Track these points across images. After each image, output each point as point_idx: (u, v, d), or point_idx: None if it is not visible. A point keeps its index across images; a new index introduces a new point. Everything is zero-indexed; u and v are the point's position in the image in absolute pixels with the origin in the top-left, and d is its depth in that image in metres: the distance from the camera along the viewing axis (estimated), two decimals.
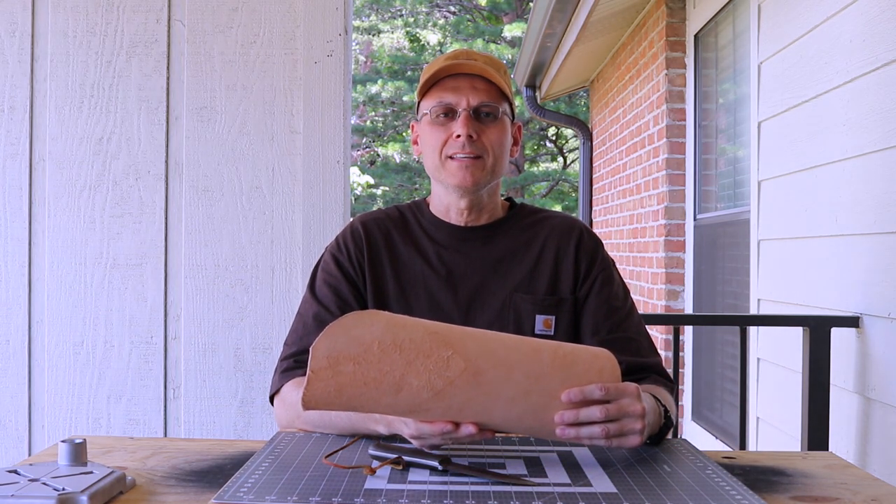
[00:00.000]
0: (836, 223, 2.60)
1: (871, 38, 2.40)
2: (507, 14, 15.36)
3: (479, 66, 1.51)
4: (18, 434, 2.18)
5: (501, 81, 1.53)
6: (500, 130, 1.54)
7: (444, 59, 1.56)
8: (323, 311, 1.54)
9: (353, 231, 1.61)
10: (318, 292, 1.57)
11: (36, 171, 2.19)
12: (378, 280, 1.56)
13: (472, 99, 1.51)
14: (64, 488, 0.99)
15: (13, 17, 2.18)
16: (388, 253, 1.58)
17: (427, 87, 1.54)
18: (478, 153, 1.51)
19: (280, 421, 1.49)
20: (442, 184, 1.56)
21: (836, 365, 2.52)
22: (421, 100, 1.57)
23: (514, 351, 1.15)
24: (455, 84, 1.51)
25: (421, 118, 1.57)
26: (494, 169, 1.54)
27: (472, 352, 1.13)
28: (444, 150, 1.53)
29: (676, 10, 4.75)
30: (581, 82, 7.91)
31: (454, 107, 1.51)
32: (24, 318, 2.18)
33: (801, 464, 1.27)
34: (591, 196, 7.62)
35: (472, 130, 1.50)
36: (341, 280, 1.56)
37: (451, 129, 1.51)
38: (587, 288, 1.58)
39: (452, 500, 1.02)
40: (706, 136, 4.56)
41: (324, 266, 1.60)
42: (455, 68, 1.51)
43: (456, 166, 1.52)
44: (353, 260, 1.57)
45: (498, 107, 1.53)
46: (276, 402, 1.51)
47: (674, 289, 4.76)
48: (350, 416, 1.33)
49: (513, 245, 1.59)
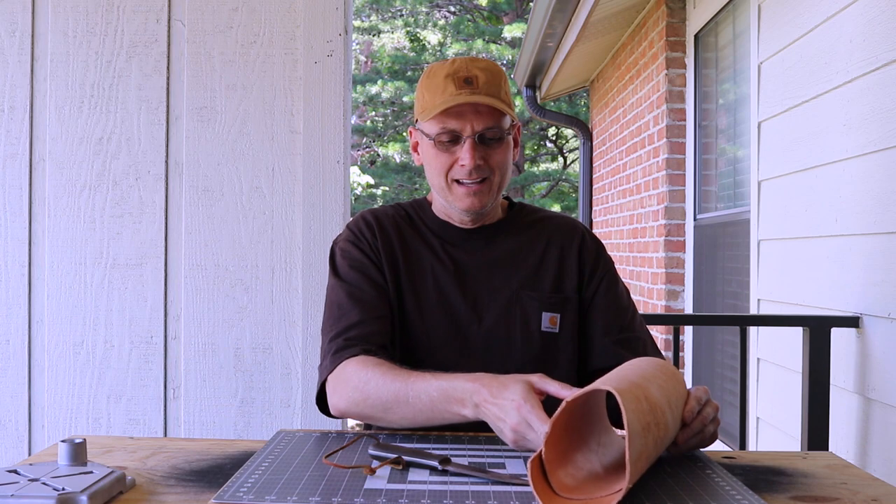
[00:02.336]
0: (836, 223, 2.59)
1: (871, 38, 2.40)
2: (507, 14, 15.35)
3: (482, 98, 1.47)
4: (18, 434, 2.18)
5: (503, 104, 1.49)
6: (505, 150, 1.53)
7: (445, 77, 1.50)
8: (356, 289, 1.52)
9: (365, 221, 1.60)
10: (346, 276, 1.54)
11: (36, 171, 2.19)
12: (393, 267, 1.56)
13: (477, 125, 1.49)
14: (64, 488, 0.99)
15: (13, 17, 2.18)
16: (400, 243, 1.58)
17: (429, 110, 1.51)
18: (485, 176, 1.51)
19: (337, 406, 1.41)
20: (448, 203, 1.56)
21: (836, 365, 2.52)
22: (421, 117, 1.54)
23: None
24: (458, 109, 1.49)
25: (422, 132, 1.55)
26: (501, 185, 1.55)
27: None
28: (449, 174, 1.52)
29: (676, 10, 4.75)
30: (581, 82, 7.91)
31: (458, 132, 1.49)
32: (24, 318, 2.18)
33: (801, 464, 1.27)
34: (591, 196, 7.61)
35: (478, 158, 1.49)
36: (367, 263, 1.55)
37: (456, 154, 1.50)
38: (593, 289, 1.60)
39: (452, 500, 1.02)
40: (706, 136, 4.56)
41: (344, 254, 1.57)
42: (458, 100, 1.47)
43: (463, 192, 1.52)
44: (372, 245, 1.56)
45: (502, 128, 1.51)
46: (331, 385, 1.43)
47: (674, 289, 4.76)
48: (432, 398, 1.29)
49: (515, 244, 1.60)
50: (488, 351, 1.53)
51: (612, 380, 1.09)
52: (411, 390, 1.32)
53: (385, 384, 1.34)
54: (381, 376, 1.35)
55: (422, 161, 1.58)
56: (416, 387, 1.31)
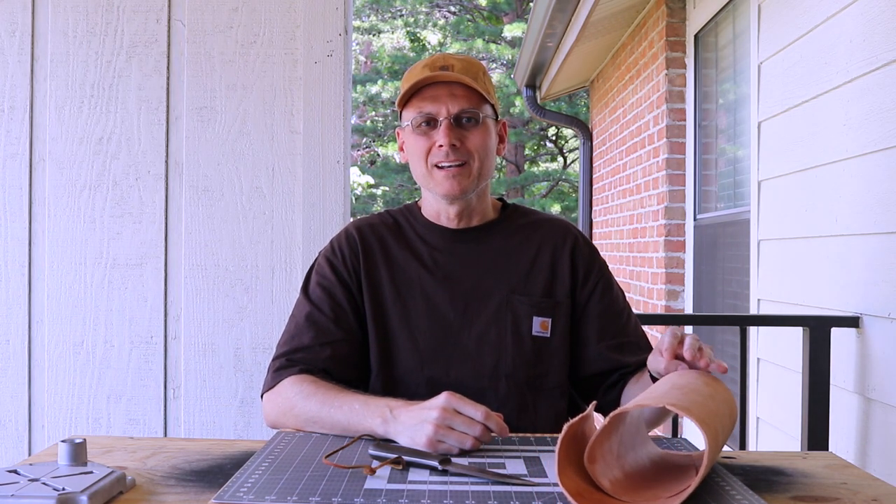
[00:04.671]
0: (836, 223, 2.59)
1: (871, 38, 2.40)
2: (507, 14, 15.36)
3: (455, 74, 1.51)
4: (18, 434, 2.18)
5: (479, 85, 1.52)
6: (482, 134, 1.54)
7: (421, 67, 1.56)
8: (316, 311, 1.54)
9: (347, 236, 1.61)
10: (312, 294, 1.57)
11: (36, 171, 2.19)
12: (374, 284, 1.56)
13: (452, 107, 1.51)
14: (64, 488, 0.99)
15: (13, 17, 2.18)
16: (384, 256, 1.58)
17: (406, 97, 1.54)
18: (462, 160, 1.52)
19: (269, 416, 1.49)
20: (430, 192, 1.57)
21: (836, 365, 2.52)
22: (402, 109, 1.57)
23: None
24: (434, 93, 1.52)
25: (405, 127, 1.58)
26: (481, 173, 1.55)
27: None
28: (429, 159, 1.53)
29: (676, 10, 4.75)
30: (581, 82, 7.91)
31: (434, 116, 1.52)
32: (24, 318, 2.18)
33: (801, 464, 1.27)
34: (591, 196, 7.61)
35: (454, 139, 1.51)
36: (335, 283, 1.56)
37: (434, 137, 1.52)
38: (587, 294, 1.59)
39: (452, 500, 1.02)
40: (706, 136, 4.56)
41: (318, 269, 1.60)
42: (432, 78, 1.51)
43: (442, 176, 1.52)
44: (347, 264, 1.57)
45: (478, 111, 1.53)
46: (266, 398, 1.51)
47: (674, 289, 4.76)
48: (346, 412, 1.34)
49: (506, 246, 1.59)
50: (479, 357, 1.52)
51: (680, 398, 1.08)
52: (333, 405, 1.37)
53: (311, 399, 1.40)
54: (310, 393, 1.41)
55: (408, 158, 1.60)
56: (338, 401, 1.37)
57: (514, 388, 1.51)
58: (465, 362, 1.52)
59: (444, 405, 1.23)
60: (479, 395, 1.34)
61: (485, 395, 1.48)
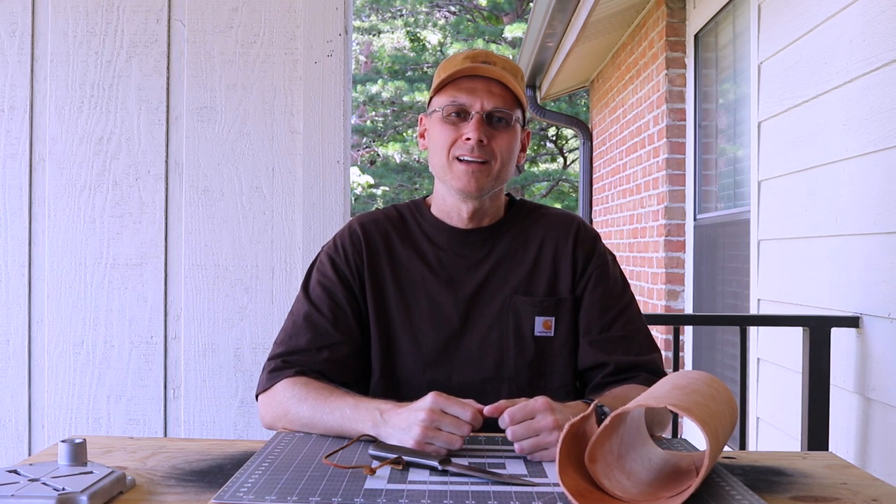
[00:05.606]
0: (836, 223, 2.59)
1: (871, 38, 2.40)
2: (508, 14, 15.35)
3: (497, 70, 1.49)
4: (18, 434, 2.18)
5: (518, 88, 1.50)
6: (510, 137, 1.51)
7: (464, 57, 1.53)
8: (315, 312, 1.53)
9: (351, 233, 1.58)
10: (312, 293, 1.55)
11: (36, 171, 2.19)
12: (377, 283, 1.54)
13: (487, 103, 1.48)
14: (64, 488, 0.99)
15: (13, 17, 2.18)
16: (388, 255, 1.56)
17: (443, 83, 1.51)
18: (486, 158, 1.49)
19: (264, 418, 1.48)
20: (446, 185, 1.54)
21: (836, 365, 2.52)
22: (434, 95, 1.54)
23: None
24: (471, 85, 1.49)
25: (431, 113, 1.55)
26: (500, 175, 1.52)
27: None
28: (452, 150, 1.50)
29: (676, 10, 4.75)
30: (581, 82, 7.91)
31: (467, 108, 1.49)
32: (24, 318, 2.18)
33: (801, 464, 1.27)
34: (591, 196, 7.62)
35: (482, 135, 1.48)
36: (336, 283, 1.54)
37: (462, 130, 1.49)
38: (583, 287, 1.56)
39: (452, 500, 1.02)
40: (706, 136, 4.56)
41: (319, 267, 1.58)
42: (474, 70, 1.49)
43: (462, 170, 1.49)
44: (350, 263, 1.55)
45: (511, 113, 1.50)
46: (262, 399, 1.49)
47: (674, 289, 4.76)
48: (338, 416, 1.34)
49: (511, 247, 1.57)
50: (482, 360, 1.51)
51: (680, 399, 1.08)
52: (324, 410, 1.36)
53: (303, 404, 1.40)
54: (303, 397, 1.40)
55: (426, 146, 1.57)
56: (329, 406, 1.36)
57: (516, 391, 1.49)
58: (467, 366, 1.51)
59: (430, 406, 1.22)
60: (483, 399, 1.33)
61: (488, 398, 1.47)
